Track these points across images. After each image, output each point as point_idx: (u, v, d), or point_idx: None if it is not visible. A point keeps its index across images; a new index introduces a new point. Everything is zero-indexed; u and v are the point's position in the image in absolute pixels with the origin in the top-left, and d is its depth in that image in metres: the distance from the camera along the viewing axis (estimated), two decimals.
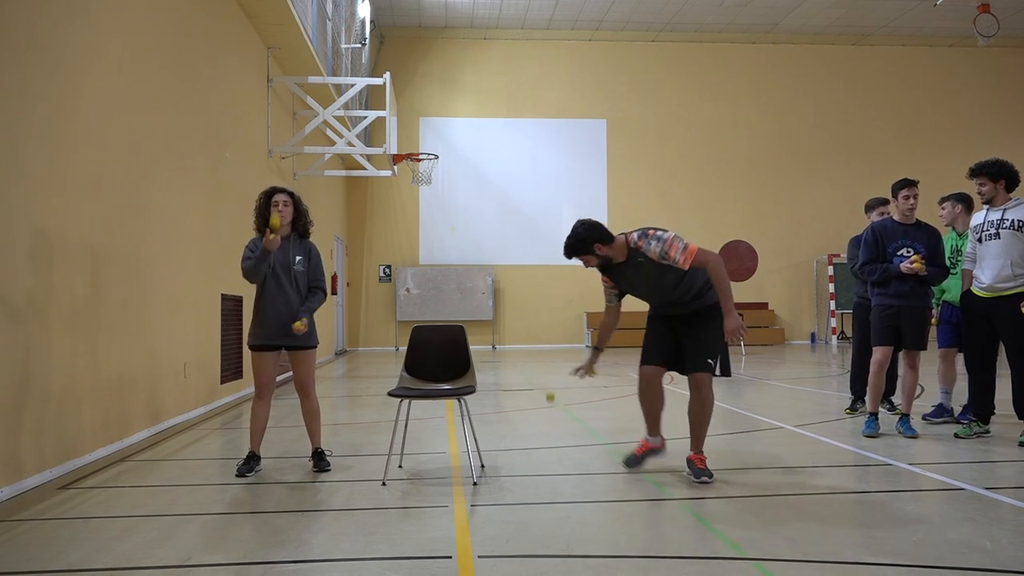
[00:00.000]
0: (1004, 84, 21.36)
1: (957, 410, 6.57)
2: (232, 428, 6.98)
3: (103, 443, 5.51)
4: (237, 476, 4.76)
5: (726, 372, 10.92)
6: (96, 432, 5.41)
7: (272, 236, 4.76)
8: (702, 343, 4.56)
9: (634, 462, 4.79)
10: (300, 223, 5.10)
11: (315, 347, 5.12)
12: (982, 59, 21.02)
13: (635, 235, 4.50)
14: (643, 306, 4.88)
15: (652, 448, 4.81)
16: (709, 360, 4.55)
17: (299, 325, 4.85)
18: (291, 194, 5.08)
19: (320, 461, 5.02)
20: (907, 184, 5.98)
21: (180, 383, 7.15)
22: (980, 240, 5.69)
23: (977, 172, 5.68)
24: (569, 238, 4.46)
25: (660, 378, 4.73)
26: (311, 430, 5.13)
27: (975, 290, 5.73)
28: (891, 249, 5.95)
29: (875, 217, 6.79)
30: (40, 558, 3.34)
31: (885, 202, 7.01)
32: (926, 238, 5.90)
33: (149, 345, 6.44)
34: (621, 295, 4.77)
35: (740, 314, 4.49)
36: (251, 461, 4.88)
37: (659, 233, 4.47)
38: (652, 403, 4.77)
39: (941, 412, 6.52)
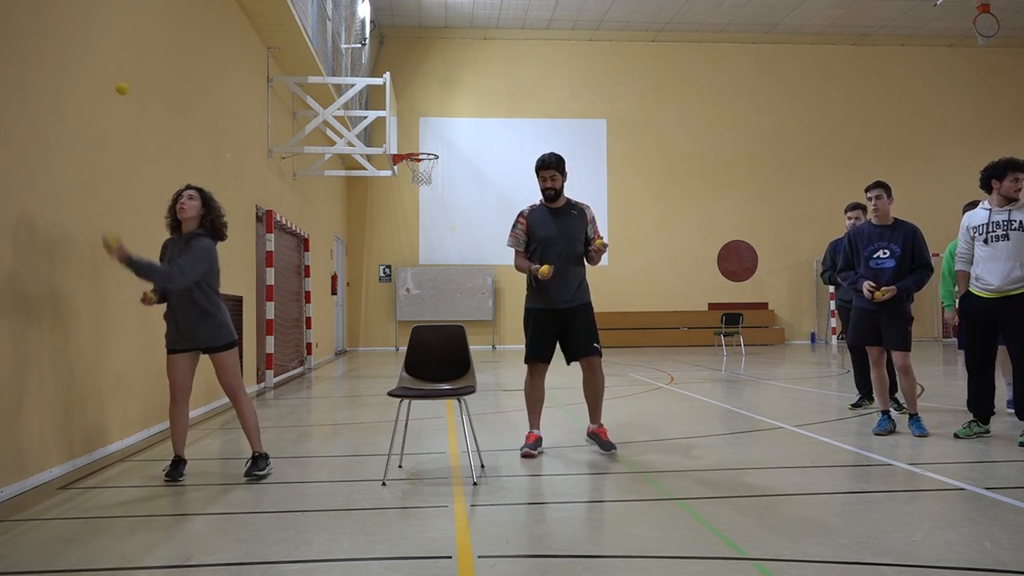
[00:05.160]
0: (1004, 84, 21.36)
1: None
2: (232, 428, 6.98)
3: (103, 443, 5.51)
4: (168, 481, 4.65)
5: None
6: (96, 432, 5.41)
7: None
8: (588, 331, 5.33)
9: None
10: (207, 219, 4.84)
11: (231, 346, 4.84)
12: (982, 59, 21.02)
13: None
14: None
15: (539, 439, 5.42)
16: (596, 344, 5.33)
17: (111, 236, 4.34)
18: (200, 190, 4.89)
19: (253, 468, 4.75)
20: (869, 187, 6.05)
21: None
22: (986, 241, 5.61)
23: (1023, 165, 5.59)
24: (552, 154, 5.42)
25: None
26: (246, 433, 4.90)
27: (976, 291, 5.71)
28: (867, 252, 6.01)
29: (846, 221, 7.16)
30: (40, 558, 3.34)
31: (856, 207, 7.19)
32: (901, 237, 5.92)
33: (149, 345, 6.43)
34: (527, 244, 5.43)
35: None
36: (179, 465, 4.76)
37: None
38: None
39: None
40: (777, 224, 20.78)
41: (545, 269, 5.09)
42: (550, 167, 5.34)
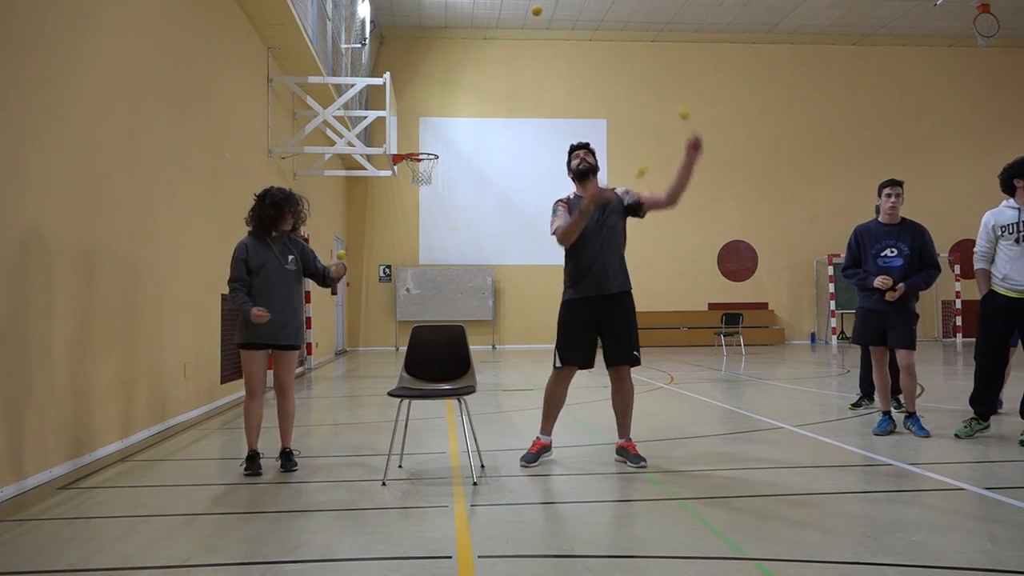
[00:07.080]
0: (1004, 84, 21.36)
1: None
2: (232, 428, 6.98)
3: (103, 443, 5.51)
4: (247, 475, 4.79)
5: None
6: (96, 432, 5.41)
7: (262, 314, 4.79)
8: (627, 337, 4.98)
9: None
10: (296, 224, 5.15)
11: (299, 348, 5.21)
12: (982, 59, 21.02)
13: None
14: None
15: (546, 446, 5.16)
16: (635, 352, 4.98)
17: (341, 256, 5.53)
18: (293, 205, 5.04)
19: (287, 461, 5.04)
20: (890, 183, 6.04)
21: (180, 383, 7.15)
22: (1018, 241, 5.51)
23: None
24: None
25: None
26: (284, 429, 5.18)
27: (1002, 290, 5.61)
28: (874, 251, 6.00)
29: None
30: (40, 558, 3.34)
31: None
32: (910, 237, 5.93)
33: (149, 345, 6.44)
34: None
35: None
36: (255, 459, 4.91)
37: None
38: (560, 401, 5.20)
39: None
40: (777, 224, 20.78)
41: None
42: (585, 147, 5.33)
